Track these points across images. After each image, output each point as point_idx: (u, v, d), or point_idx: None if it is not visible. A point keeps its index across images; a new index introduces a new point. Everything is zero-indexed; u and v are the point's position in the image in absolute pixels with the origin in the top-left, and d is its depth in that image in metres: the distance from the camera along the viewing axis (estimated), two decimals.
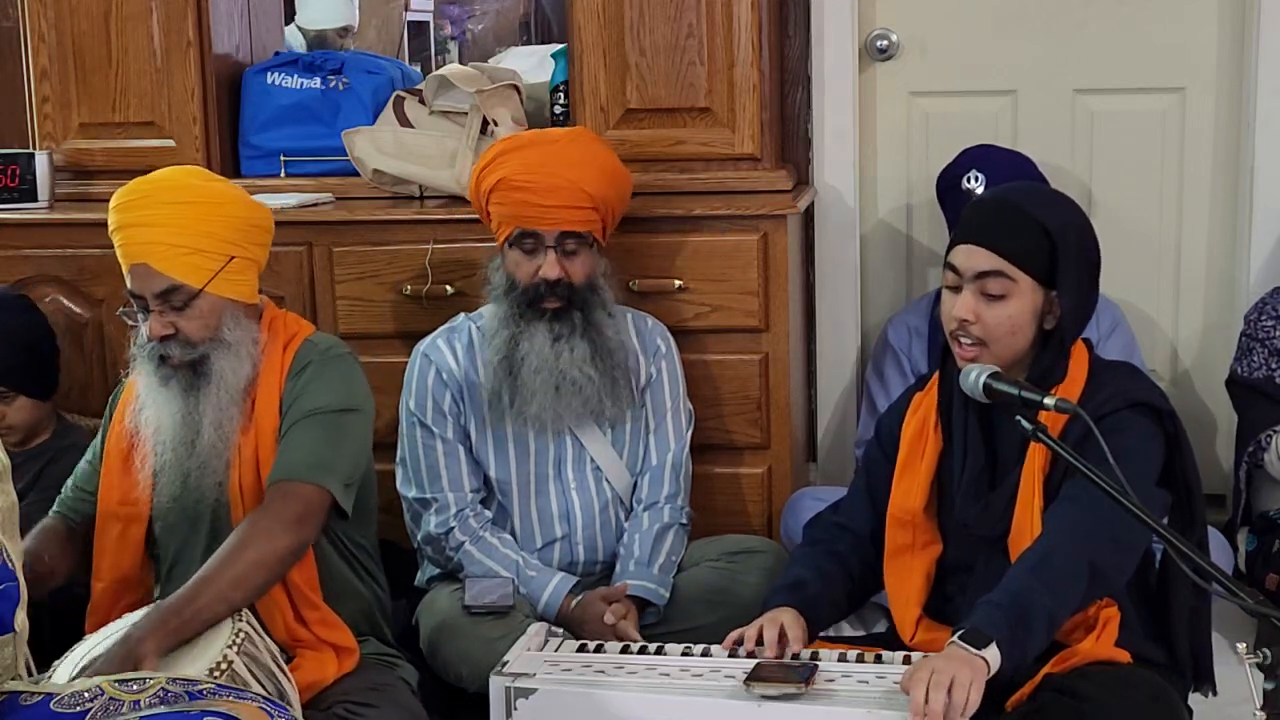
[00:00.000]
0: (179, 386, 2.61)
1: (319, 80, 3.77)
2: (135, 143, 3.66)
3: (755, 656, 2.41)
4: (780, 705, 2.23)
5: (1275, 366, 3.35)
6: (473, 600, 2.86)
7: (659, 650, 2.49)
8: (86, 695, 2.01)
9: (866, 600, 2.73)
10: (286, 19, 4.81)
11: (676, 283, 3.30)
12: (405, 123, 3.57)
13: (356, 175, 3.57)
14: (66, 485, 2.80)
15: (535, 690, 2.32)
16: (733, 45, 3.37)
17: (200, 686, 2.04)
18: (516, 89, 3.53)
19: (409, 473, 3.04)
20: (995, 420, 2.49)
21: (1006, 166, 3.43)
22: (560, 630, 2.66)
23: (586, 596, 2.92)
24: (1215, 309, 3.87)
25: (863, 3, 3.84)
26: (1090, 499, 2.28)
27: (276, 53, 3.99)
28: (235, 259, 2.61)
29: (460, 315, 3.12)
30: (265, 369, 2.66)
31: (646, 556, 2.99)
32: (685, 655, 2.46)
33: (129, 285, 2.61)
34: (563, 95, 3.62)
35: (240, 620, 2.33)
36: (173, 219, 2.57)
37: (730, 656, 2.43)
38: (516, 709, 2.32)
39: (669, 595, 2.97)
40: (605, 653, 2.49)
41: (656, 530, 3.02)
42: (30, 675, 2.16)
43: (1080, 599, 2.34)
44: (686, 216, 3.31)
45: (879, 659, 2.40)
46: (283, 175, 3.69)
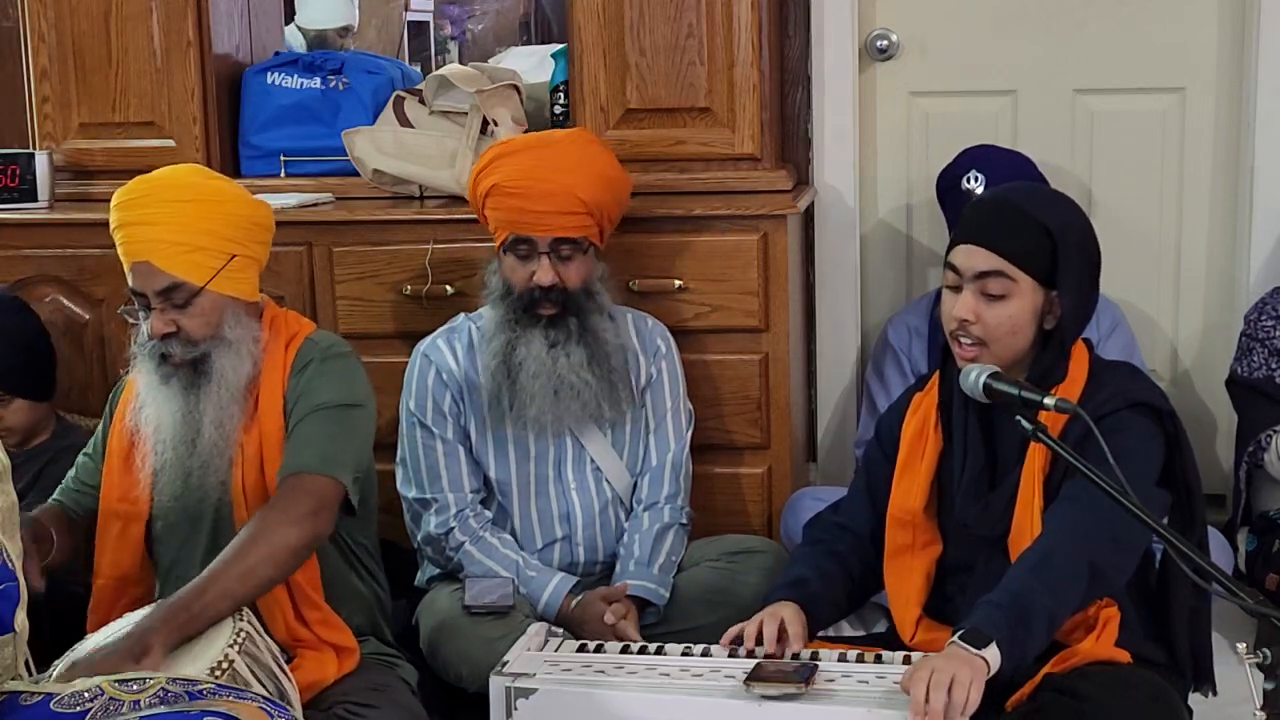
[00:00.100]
0: (179, 385, 2.61)
1: (319, 80, 3.77)
2: (135, 143, 3.66)
3: (755, 656, 2.41)
4: (780, 705, 2.23)
5: (1275, 366, 3.35)
6: (473, 600, 2.86)
7: (659, 650, 2.49)
8: (86, 695, 2.01)
9: (866, 600, 2.73)
10: (286, 19, 4.81)
11: (676, 283, 3.30)
12: (405, 123, 3.57)
13: (356, 175, 3.57)
14: (67, 477, 2.80)
15: (535, 690, 2.32)
16: (733, 45, 3.37)
17: (200, 686, 2.04)
18: (516, 89, 3.53)
19: (409, 473, 3.04)
20: (995, 420, 2.49)
21: (1006, 166, 3.43)
22: (560, 630, 2.65)
23: (586, 596, 2.92)
24: (1215, 309, 3.87)
25: (863, 3, 3.84)
26: (1090, 499, 2.28)
27: (276, 53, 3.99)
28: (237, 257, 2.61)
29: (460, 315, 3.12)
30: (267, 367, 2.66)
31: (646, 556, 2.98)
32: (685, 655, 2.45)
33: (130, 283, 2.61)
34: (563, 95, 3.62)
35: (241, 620, 2.33)
36: (174, 217, 2.58)
37: (730, 656, 2.43)
38: (516, 709, 2.32)
39: (669, 595, 2.96)
40: (605, 653, 2.48)
41: (656, 530, 3.02)
42: (30, 675, 2.16)
43: (1080, 599, 2.34)
44: (686, 216, 3.31)
45: (879, 659, 2.40)
46: (283, 175, 3.69)
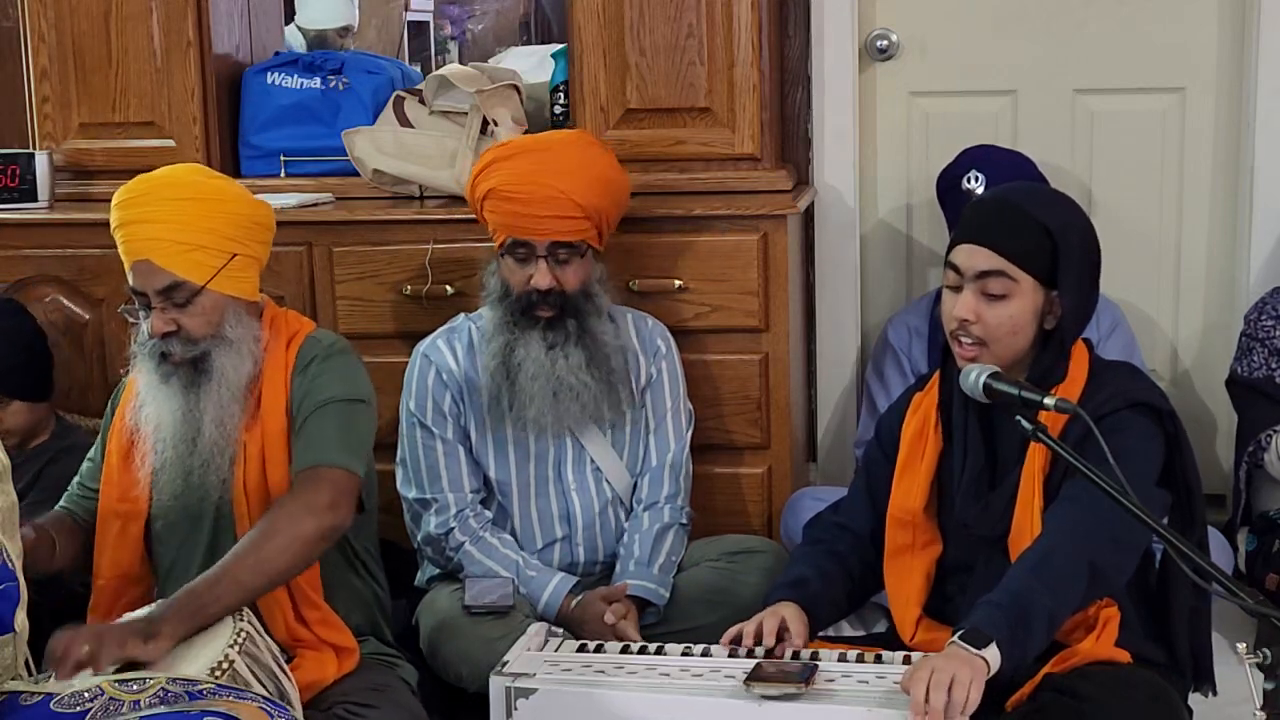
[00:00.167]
0: (179, 384, 2.61)
1: (319, 80, 3.77)
2: (135, 143, 3.65)
3: (755, 656, 2.41)
4: (780, 705, 2.23)
5: (1275, 366, 3.35)
6: (473, 600, 2.86)
7: (659, 650, 2.49)
8: (86, 695, 2.01)
9: (866, 600, 2.73)
10: (286, 19, 4.81)
11: (676, 283, 3.30)
12: (405, 123, 3.57)
13: (356, 175, 3.57)
14: (73, 483, 2.80)
15: (535, 690, 2.32)
16: (733, 45, 3.37)
17: (200, 686, 2.04)
18: (516, 89, 3.53)
19: (409, 473, 3.04)
20: (995, 420, 2.49)
21: (1006, 166, 3.43)
22: (560, 630, 2.65)
23: (586, 596, 2.92)
24: (1215, 309, 3.87)
25: (863, 3, 3.84)
26: (1090, 499, 2.28)
27: (276, 53, 3.99)
28: (237, 256, 2.61)
29: (460, 315, 3.12)
30: (269, 366, 2.66)
31: (646, 556, 2.98)
32: (685, 655, 2.45)
33: (131, 282, 2.61)
34: (563, 95, 3.62)
35: (241, 620, 2.33)
36: (175, 215, 2.58)
37: (730, 656, 2.43)
38: (516, 709, 2.32)
39: (669, 595, 2.96)
40: (605, 653, 2.48)
41: (656, 530, 3.02)
42: (30, 675, 2.16)
43: (1080, 599, 2.34)
44: (686, 216, 3.31)
45: (879, 659, 2.40)
46: (283, 175, 3.69)
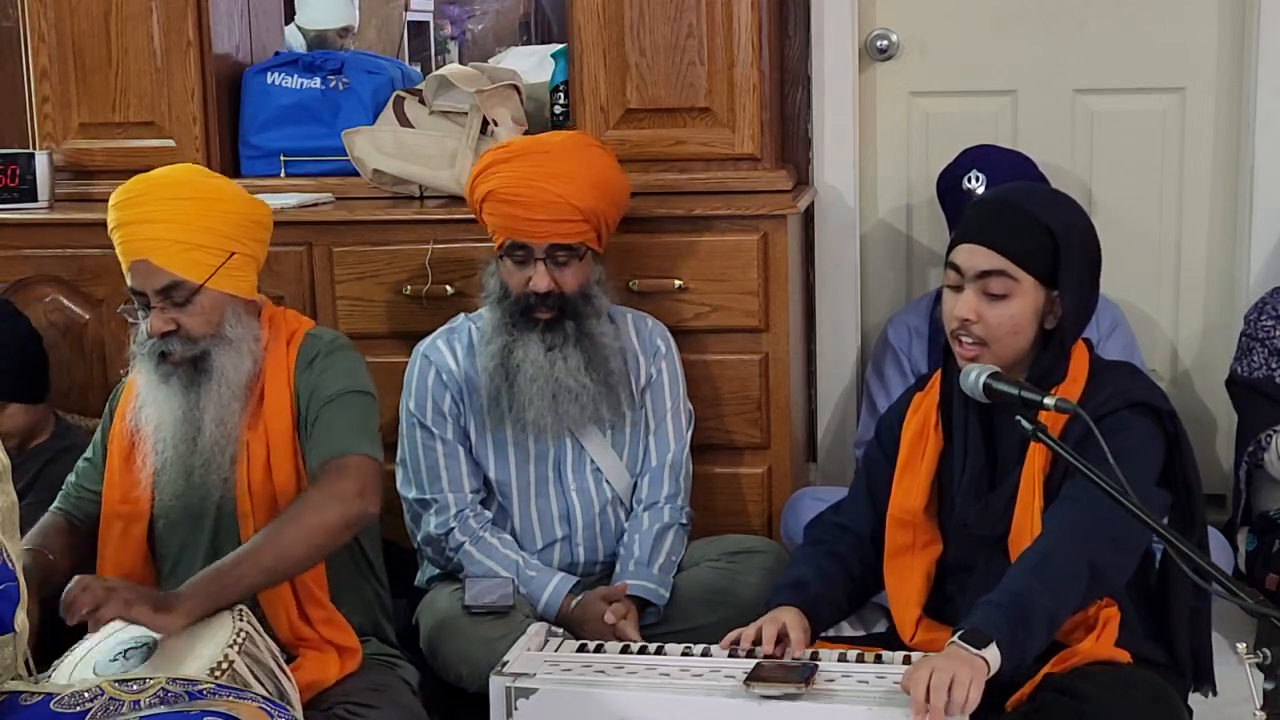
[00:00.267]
0: (179, 383, 2.61)
1: (319, 80, 3.77)
2: (135, 143, 3.65)
3: (755, 657, 2.41)
4: (780, 705, 2.23)
5: (1275, 366, 3.35)
6: (473, 600, 2.86)
7: (659, 650, 2.49)
8: (86, 695, 2.01)
9: (867, 600, 2.73)
10: (286, 19, 4.81)
11: (676, 283, 3.30)
12: (405, 123, 3.57)
13: (356, 175, 3.57)
14: (68, 482, 2.79)
15: (535, 690, 2.32)
16: (733, 45, 3.37)
17: (200, 686, 2.04)
18: (516, 89, 3.53)
19: (409, 473, 3.04)
20: (995, 420, 2.49)
21: (1007, 166, 3.43)
22: (560, 630, 2.65)
23: (586, 596, 2.92)
24: (1215, 309, 3.87)
25: (863, 3, 3.84)
26: (1090, 499, 2.28)
27: (276, 53, 3.99)
28: (235, 255, 2.61)
29: (460, 316, 3.12)
30: (270, 365, 2.66)
31: (646, 556, 2.98)
32: (685, 655, 2.45)
33: (129, 282, 2.61)
34: (563, 95, 3.62)
35: (241, 620, 2.33)
36: (173, 215, 2.58)
37: (730, 656, 2.43)
38: (516, 709, 2.32)
39: (669, 595, 2.97)
40: (605, 653, 2.48)
41: (656, 530, 3.02)
42: (30, 675, 2.16)
43: (1080, 599, 2.34)
44: (686, 216, 3.31)
45: (879, 659, 2.40)
46: (283, 175, 3.69)
